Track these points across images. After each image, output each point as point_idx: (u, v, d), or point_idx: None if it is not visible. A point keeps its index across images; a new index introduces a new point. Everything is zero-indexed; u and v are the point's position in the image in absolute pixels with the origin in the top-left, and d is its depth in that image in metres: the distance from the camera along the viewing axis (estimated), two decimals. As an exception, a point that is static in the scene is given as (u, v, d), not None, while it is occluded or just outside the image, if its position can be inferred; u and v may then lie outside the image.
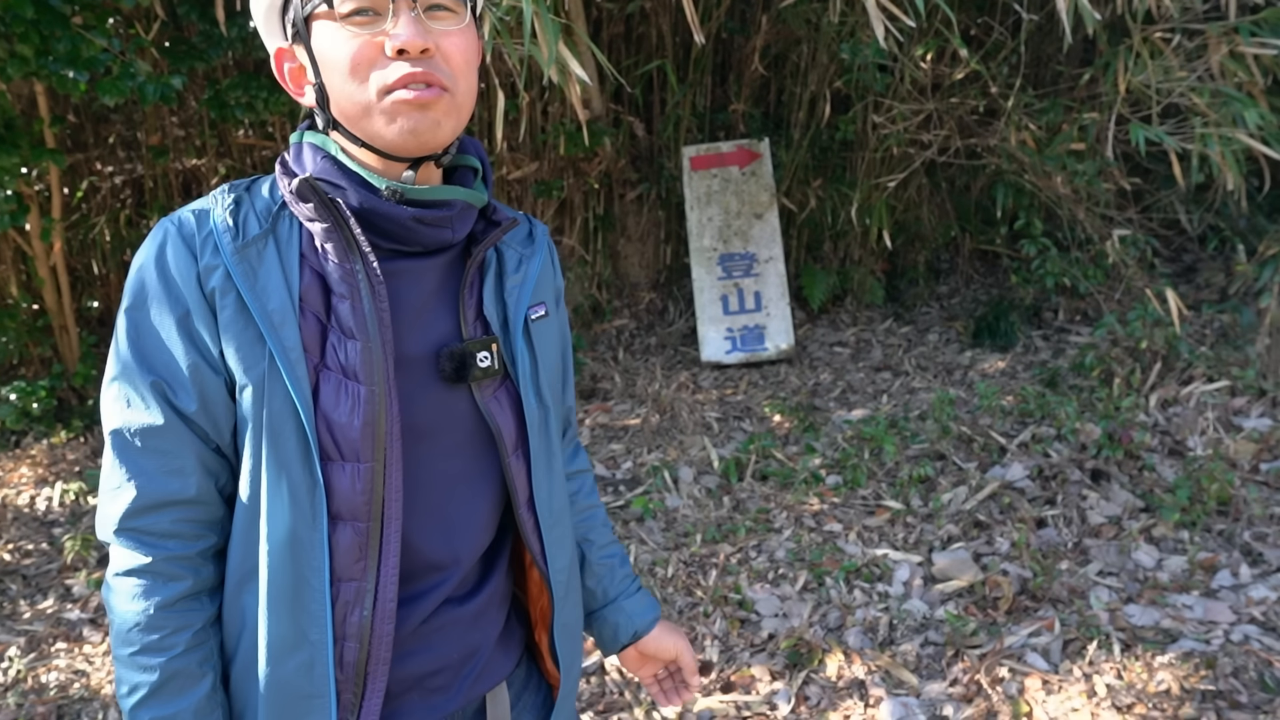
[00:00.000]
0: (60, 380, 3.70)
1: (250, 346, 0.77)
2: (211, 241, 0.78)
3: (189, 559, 0.79)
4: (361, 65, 0.76)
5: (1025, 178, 3.68)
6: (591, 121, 3.71)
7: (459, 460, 0.85)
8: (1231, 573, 2.34)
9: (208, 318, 0.77)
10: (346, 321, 0.78)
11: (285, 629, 0.79)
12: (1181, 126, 3.18)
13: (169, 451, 0.78)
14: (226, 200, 0.81)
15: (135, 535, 0.78)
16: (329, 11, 0.77)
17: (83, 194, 4.16)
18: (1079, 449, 2.88)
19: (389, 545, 0.80)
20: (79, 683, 2.29)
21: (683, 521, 2.80)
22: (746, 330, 3.90)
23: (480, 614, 0.90)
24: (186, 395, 0.77)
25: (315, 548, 0.78)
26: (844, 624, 2.27)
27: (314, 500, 0.78)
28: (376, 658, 0.80)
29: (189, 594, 0.80)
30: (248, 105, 3.42)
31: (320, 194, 0.78)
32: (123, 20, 3.38)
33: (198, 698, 0.79)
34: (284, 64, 0.84)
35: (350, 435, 0.77)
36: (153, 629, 0.78)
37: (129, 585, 0.78)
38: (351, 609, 0.79)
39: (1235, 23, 3.02)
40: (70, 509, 3.17)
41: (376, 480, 0.78)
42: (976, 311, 4.16)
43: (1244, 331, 3.54)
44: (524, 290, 0.88)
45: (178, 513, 0.79)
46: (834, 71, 3.88)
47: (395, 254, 0.82)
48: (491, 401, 0.85)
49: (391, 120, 0.77)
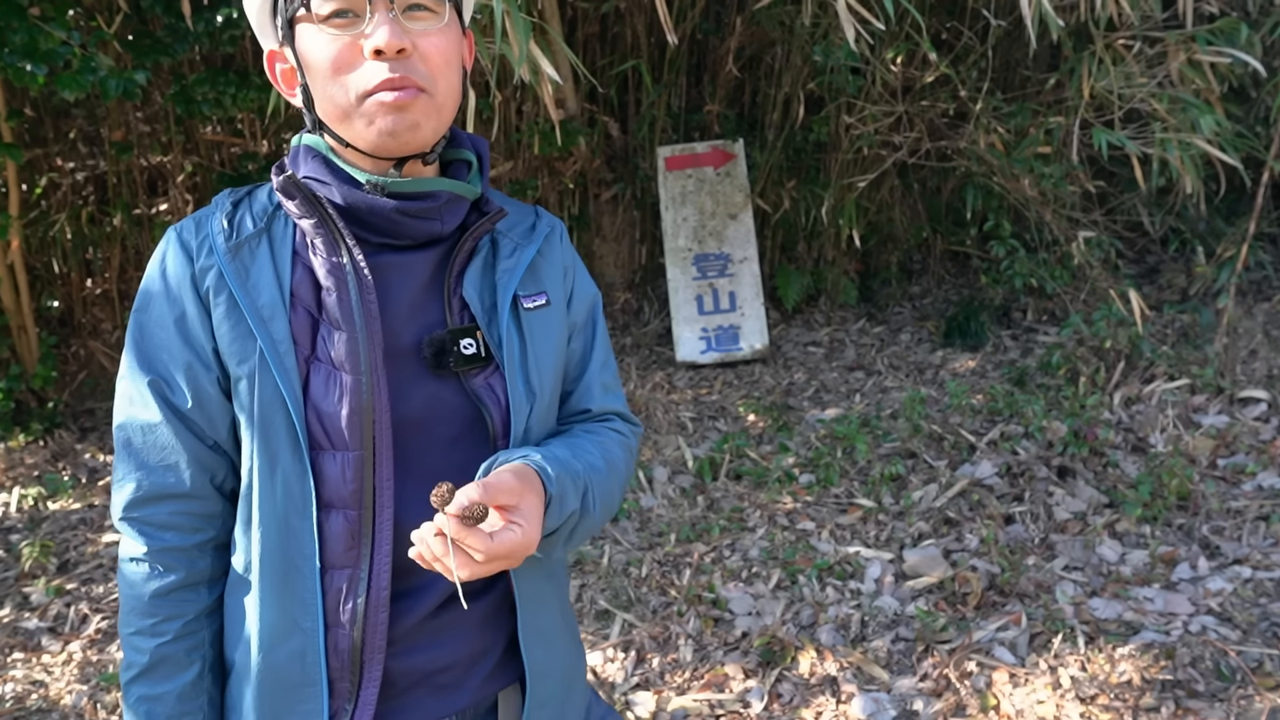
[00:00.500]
0: (18, 382, 3.61)
1: (242, 341, 0.80)
2: (208, 244, 0.82)
3: (185, 550, 0.84)
4: (341, 67, 0.77)
5: (994, 180, 3.74)
6: (566, 121, 3.70)
7: (458, 451, 0.85)
8: (1190, 565, 2.40)
9: (203, 318, 0.81)
10: (334, 313, 0.80)
11: (277, 617, 0.81)
12: (1143, 131, 3.25)
13: (166, 447, 0.82)
14: (225, 204, 0.85)
15: (136, 524, 0.83)
16: (309, 14, 0.78)
17: (42, 190, 4.06)
18: (1046, 446, 2.93)
19: (381, 534, 0.81)
20: (37, 694, 2.23)
21: (657, 521, 2.80)
22: (721, 330, 3.92)
23: (492, 613, 0.89)
24: (182, 394, 0.81)
25: (305, 535, 0.80)
26: (816, 621, 2.29)
27: (303, 488, 0.80)
28: (372, 646, 0.82)
29: (183, 585, 0.84)
30: (215, 101, 3.36)
31: (304, 190, 0.81)
32: (83, 12, 3.31)
33: (183, 683, 0.84)
34: (275, 65, 0.86)
35: (338, 424, 0.79)
36: (147, 614, 0.83)
37: (130, 570, 0.84)
38: (345, 597, 0.81)
39: (1193, 31, 3.09)
40: (29, 515, 3.10)
41: (365, 469, 0.80)
42: (947, 311, 4.22)
43: (1203, 331, 3.63)
44: (513, 275, 0.88)
45: (175, 505, 0.83)
46: (807, 73, 3.91)
47: (385, 248, 0.83)
48: (483, 388, 0.85)
49: (370, 122, 0.78)
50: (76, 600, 2.60)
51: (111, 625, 2.49)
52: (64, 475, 3.31)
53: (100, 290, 4.24)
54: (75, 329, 4.19)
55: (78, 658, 2.36)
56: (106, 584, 2.69)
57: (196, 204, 4.20)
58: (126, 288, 4.19)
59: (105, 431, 3.73)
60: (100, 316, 4.22)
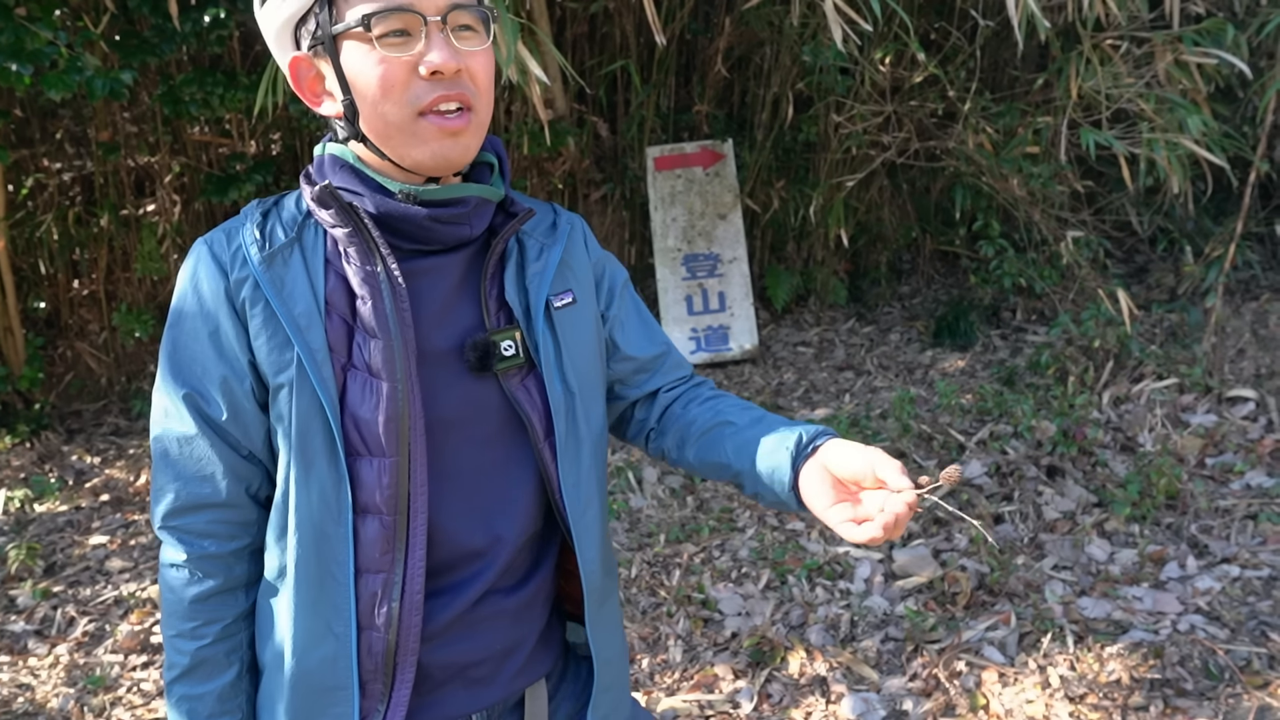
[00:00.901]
0: (5, 384, 3.58)
1: (279, 350, 0.81)
2: (241, 255, 0.83)
3: (222, 558, 0.86)
4: (395, 87, 0.79)
5: (983, 180, 3.75)
6: (555, 121, 3.69)
7: (493, 450, 0.88)
8: (1179, 565, 2.41)
9: (239, 330, 0.82)
10: (369, 321, 0.82)
11: (310, 622, 0.83)
12: (1130, 131, 3.27)
13: (201, 458, 0.84)
14: (255, 215, 0.86)
15: (176, 533, 0.86)
16: (362, 32, 0.78)
17: (28, 191, 4.03)
18: (1035, 446, 2.94)
19: (415, 537, 0.83)
20: (23, 697, 2.22)
21: (646, 522, 2.80)
22: (711, 330, 3.92)
23: (526, 607, 0.92)
24: (217, 406, 0.83)
25: (340, 542, 0.82)
26: (806, 621, 2.29)
27: (339, 495, 0.81)
28: (405, 648, 0.83)
29: (221, 590, 0.86)
30: (202, 101, 3.34)
31: (339, 200, 0.82)
32: (70, 12, 3.28)
33: (223, 684, 0.87)
34: (301, 73, 0.85)
35: (375, 431, 0.81)
36: (187, 618, 0.86)
37: (171, 576, 0.87)
38: (379, 601, 0.83)
39: (1179, 32, 3.11)
40: (15, 517, 3.07)
41: (401, 474, 0.81)
42: (937, 311, 4.23)
43: (1191, 330, 3.64)
44: (544, 278, 0.90)
45: (211, 514, 0.85)
46: (796, 73, 3.91)
47: (416, 253, 0.85)
48: (520, 390, 0.87)
49: (424, 143, 0.80)
50: (63, 603, 2.59)
51: (98, 627, 2.48)
52: (51, 477, 3.29)
53: (87, 291, 4.21)
54: (62, 330, 4.16)
55: (64, 660, 2.35)
56: (93, 586, 2.67)
57: (184, 204, 4.17)
58: (114, 289, 4.17)
59: (92, 433, 3.70)
60: (87, 318, 4.19)
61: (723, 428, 0.93)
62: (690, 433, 0.96)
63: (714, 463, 0.94)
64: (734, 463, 0.91)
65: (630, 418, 1.03)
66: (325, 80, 0.84)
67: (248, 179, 3.58)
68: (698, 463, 0.96)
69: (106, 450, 3.54)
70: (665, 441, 0.99)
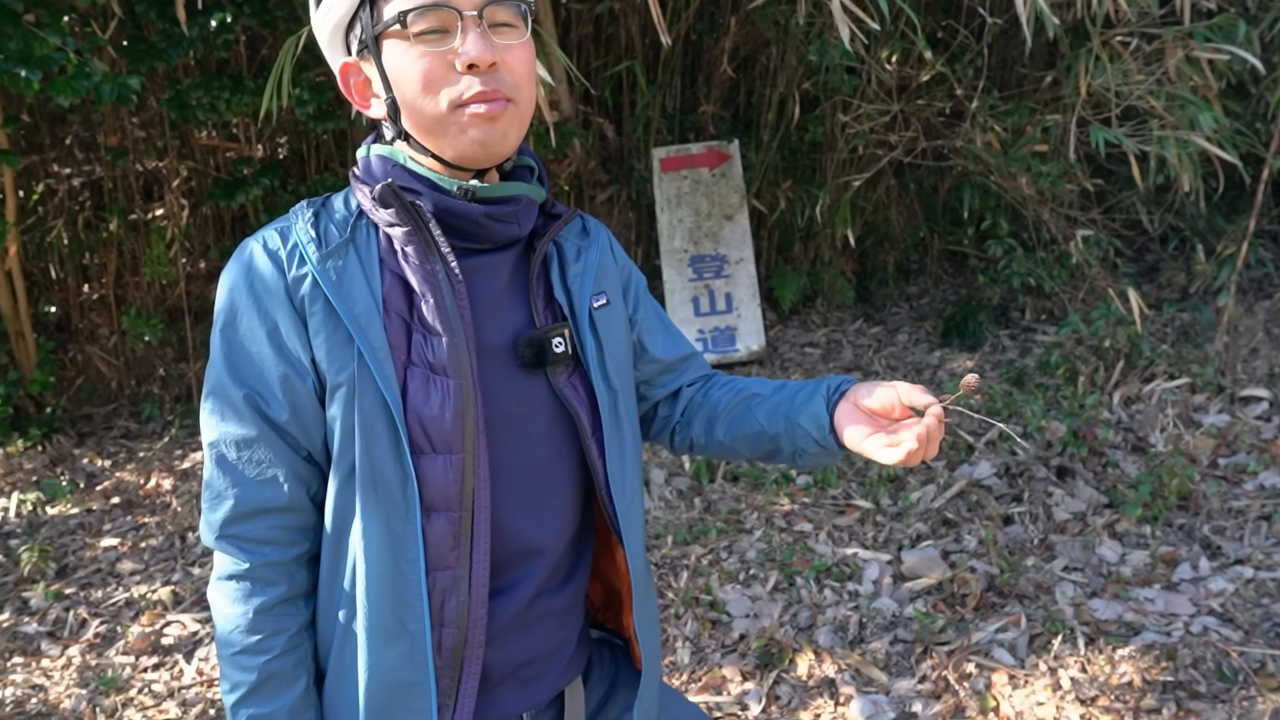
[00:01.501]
0: (16, 388, 3.60)
1: (340, 349, 0.81)
2: (298, 253, 0.83)
3: (284, 565, 0.85)
4: (434, 81, 0.80)
5: (991, 179, 3.73)
6: (561, 123, 3.69)
7: (542, 447, 0.89)
8: (1191, 566, 2.38)
9: (299, 328, 0.82)
10: (430, 319, 0.82)
11: (385, 620, 0.83)
12: (1140, 129, 3.24)
13: (262, 461, 0.83)
14: (306, 214, 0.86)
15: (235, 541, 0.84)
16: (401, 30, 0.80)
17: (39, 196, 4.06)
18: (1045, 447, 2.92)
19: (479, 532, 0.83)
20: (36, 698, 2.23)
21: (654, 523, 2.79)
22: (718, 331, 3.91)
23: (570, 607, 0.94)
24: (279, 405, 0.82)
25: (409, 540, 0.82)
26: (814, 623, 2.28)
27: (406, 493, 0.81)
28: (473, 642, 0.84)
29: (285, 599, 0.85)
30: (210, 106, 3.36)
31: (401, 199, 0.82)
32: (78, 18, 3.31)
33: (293, 698, 0.85)
34: (350, 78, 0.87)
35: (442, 428, 0.81)
36: (252, 631, 0.84)
37: (230, 589, 0.84)
38: (448, 596, 0.83)
39: (1190, 28, 3.08)
40: (27, 519, 3.09)
41: (467, 470, 0.82)
42: (945, 311, 4.21)
43: (1203, 330, 3.61)
44: (586, 279, 0.92)
45: (273, 519, 0.84)
46: (802, 73, 3.90)
47: (469, 251, 0.87)
48: (567, 387, 0.90)
49: (463, 132, 0.81)
50: (75, 605, 2.60)
51: (110, 629, 2.49)
52: (62, 480, 3.31)
53: (97, 295, 4.24)
54: (73, 334, 4.19)
55: (76, 662, 2.36)
56: (105, 588, 2.68)
57: (192, 208, 4.19)
58: (123, 293, 4.19)
59: (103, 436, 3.72)
60: (97, 322, 4.22)
61: (750, 399, 0.99)
62: (718, 413, 1.00)
63: (747, 434, 0.98)
64: (768, 427, 0.95)
65: (654, 416, 1.08)
66: (372, 83, 0.85)
67: (255, 182, 3.59)
68: (729, 439, 1.00)
69: (117, 453, 3.56)
70: (692, 430, 1.03)
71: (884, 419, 0.88)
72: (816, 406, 0.91)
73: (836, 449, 0.91)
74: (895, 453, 0.83)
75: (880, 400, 0.87)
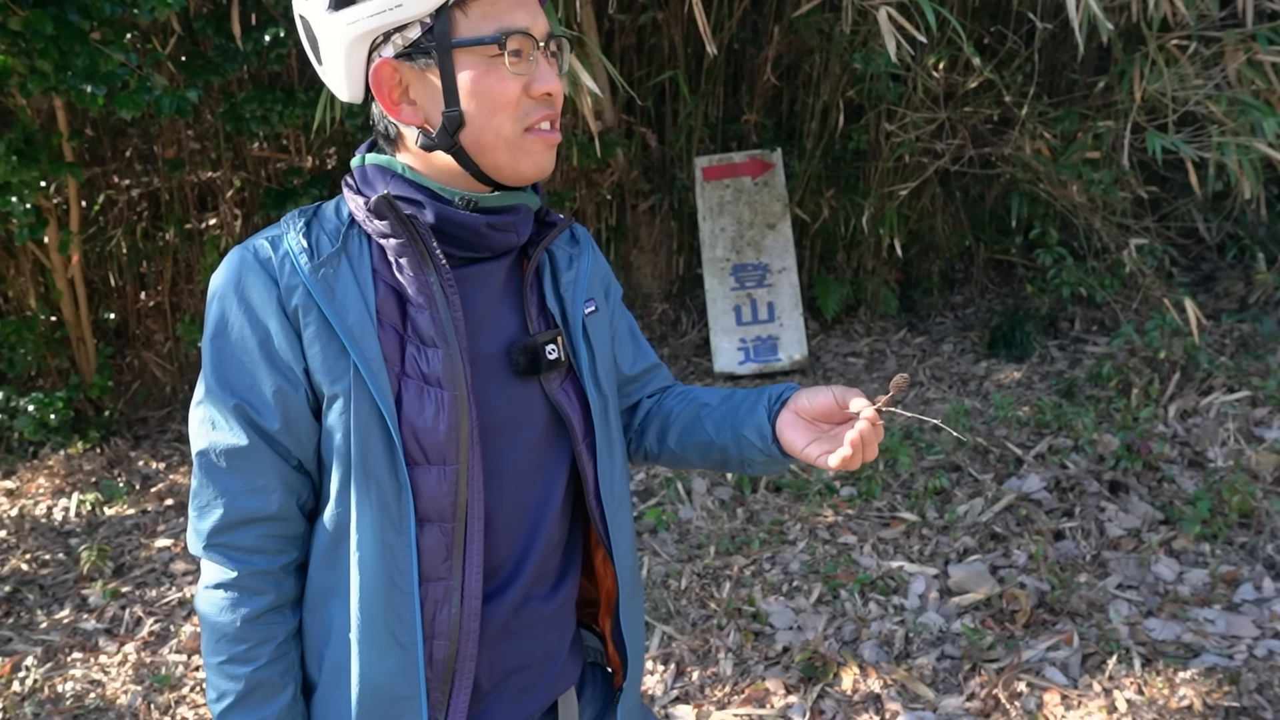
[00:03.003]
0: (77, 391, 3.73)
1: (335, 359, 0.80)
2: (289, 263, 0.82)
3: (273, 574, 0.84)
4: (511, 103, 0.81)
5: (1040, 186, 3.65)
6: (604, 133, 3.72)
7: (534, 452, 0.89)
8: (1255, 586, 2.30)
9: (291, 338, 0.81)
10: (426, 331, 0.82)
11: (378, 632, 0.82)
12: (1198, 135, 3.15)
13: (252, 470, 0.82)
14: (298, 224, 0.85)
15: (223, 550, 0.83)
16: (490, 49, 0.79)
17: (100, 207, 4.21)
18: (1097, 460, 2.84)
19: (472, 543, 0.83)
20: (94, 693, 2.29)
21: (696, 533, 2.78)
22: (760, 341, 3.89)
23: (559, 614, 0.94)
24: (270, 415, 0.81)
25: (403, 551, 0.81)
26: (859, 637, 2.25)
27: (401, 504, 0.81)
28: (464, 654, 0.84)
29: (272, 607, 0.84)
30: (262, 118, 3.45)
31: (397, 210, 0.82)
32: (140, 35, 3.42)
33: (280, 706, 0.84)
34: (384, 78, 0.82)
35: (436, 439, 0.81)
36: (239, 640, 0.83)
37: (218, 598, 0.83)
38: (440, 607, 0.83)
39: (1253, 30, 2.99)
40: (86, 519, 3.19)
41: (461, 481, 0.82)
42: (991, 321, 4.13)
43: (1265, 341, 3.49)
44: (578, 286, 0.93)
45: (262, 529, 0.83)
46: (846, 81, 3.87)
47: (464, 261, 0.86)
48: (560, 393, 0.90)
49: (529, 155, 0.83)
50: (131, 603, 2.68)
51: (163, 628, 2.56)
52: (119, 481, 3.41)
53: (154, 303, 4.37)
54: (130, 340, 4.32)
55: (132, 659, 2.43)
56: (159, 588, 2.76)
57: (244, 218, 4.31)
58: (178, 300, 4.31)
59: (158, 439, 3.83)
60: (153, 328, 4.35)
61: (699, 409, 1.00)
62: (670, 422, 1.02)
63: (697, 444, 0.99)
64: (716, 438, 0.96)
65: None
66: (409, 89, 0.82)
67: (304, 192, 3.68)
68: (679, 448, 1.01)
69: (171, 456, 3.66)
70: (646, 439, 1.05)
71: (825, 424, 0.88)
72: (759, 416, 0.92)
73: (781, 457, 0.91)
74: (832, 458, 0.84)
75: (819, 407, 0.87)
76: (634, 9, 3.93)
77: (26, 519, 3.21)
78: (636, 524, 2.87)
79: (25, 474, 3.53)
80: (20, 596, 2.75)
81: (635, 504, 3.01)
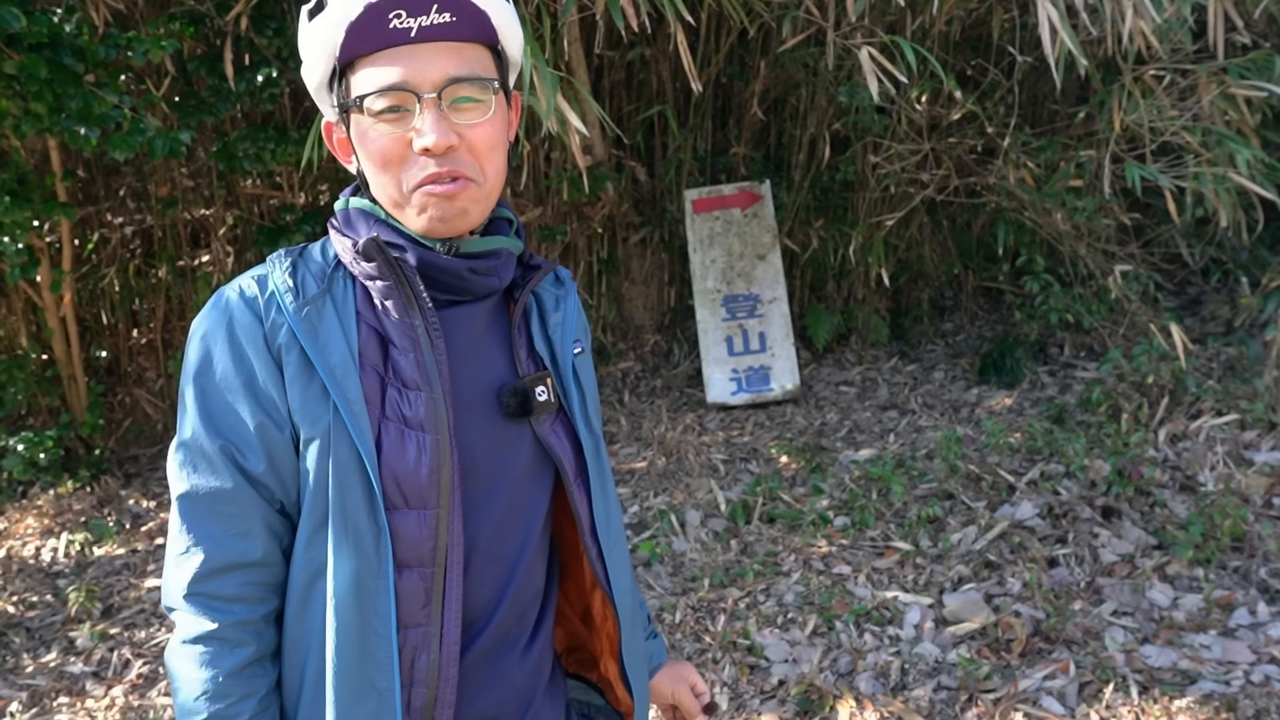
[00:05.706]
0: (68, 430, 3.71)
1: (315, 401, 0.80)
2: (275, 302, 0.82)
3: (254, 624, 0.81)
4: (391, 161, 0.81)
5: (1025, 215, 3.71)
6: (594, 167, 3.76)
7: (515, 495, 0.88)
8: (1249, 611, 2.30)
9: (275, 377, 0.80)
10: (408, 374, 0.82)
11: (354, 678, 0.80)
12: (1176, 164, 3.21)
13: (235, 515, 0.80)
14: (284, 263, 0.85)
15: (203, 600, 0.80)
16: (360, 110, 0.81)
17: (93, 245, 4.22)
18: (1089, 486, 2.85)
19: (451, 589, 0.82)
20: (80, 739, 2.26)
21: (690, 566, 2.77)
22: (752, 371, 3.91)
23: (537, 660, 0.93)
24: (255, 456, 0.80)
25: (381, 595, 0.80)
26: (855, 669, 2.23)
27: (379, 548, 0.79)
28: (443, 701, 0.82)
29: (253, 659, 0.81)
30: (255, 156, 3.48)
31: (385, 253, 0.82)
32: (134, 76, 3.46)
33: None
34: (333, 135, 0.89)
35: (417, 483, 0.80)
36: (219, 697, 0.79)
37: (195, 653, 0.80)
38: (419, 654, 0.81)
39: (1224, 64, 3.06)
40: (75, 560, 3.16)
41: (441, 526, 0.81)
42: (982, 348, 4.16)
43: (1251, 364, 3.52)
44: (567, 328, 0.93)
45: (244, 575, 0.80)
46: (832, 114, 3.94)
47: (447, 302, 0.86)
48: (550, 435, 0.89)
49: (421, 211, 0.82)
50: (119, 645, 2.64)
51: (152, 670, 2.52)
52: (109, 521, 3.38)
53: (145, 340, 4.37)
54: (121, 378, 4.31)
55: (120, 702, 2.39)
56: (149, 629, 2.72)
57: (237, 255, 4.32)
58: (170, 337, 4.31)
59: (149, 478, 3.81)
60: (145, 365, 4.34)
61: None
62: None
63: None
64: None
65: None
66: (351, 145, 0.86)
67: (297, 229, 3.70)
68: None
69: (161, 494, 3.63)
70: None
71: None
72: None
73: None
74: None
75: (661, 697, 1.06)
76: (622, 46, 4.00)
77: (14, 560, 3.17)
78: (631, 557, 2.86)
79: (14, 514, 3.49)
80: (6, 640, 2.71)
81: (629, 537, 2.99)
